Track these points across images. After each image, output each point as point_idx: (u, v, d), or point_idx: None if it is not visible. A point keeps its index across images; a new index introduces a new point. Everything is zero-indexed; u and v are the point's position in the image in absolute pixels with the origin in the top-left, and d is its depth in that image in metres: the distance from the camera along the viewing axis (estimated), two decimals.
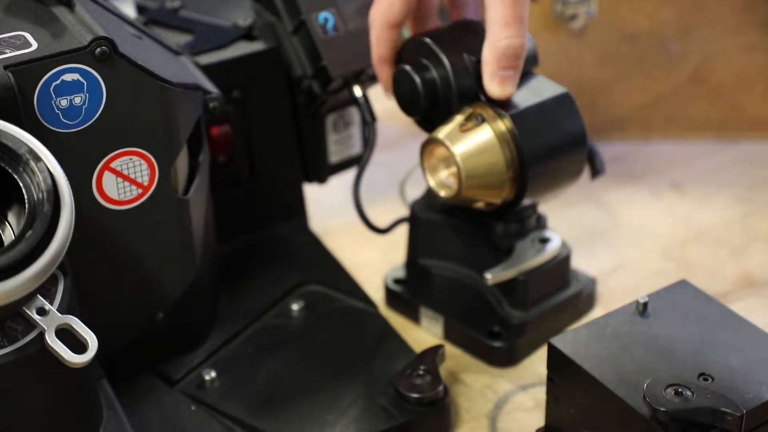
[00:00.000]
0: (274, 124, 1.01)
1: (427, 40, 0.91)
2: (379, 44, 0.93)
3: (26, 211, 0.69)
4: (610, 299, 1.02)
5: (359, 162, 1.01)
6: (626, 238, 1.10)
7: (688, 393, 0.75)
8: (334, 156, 1.07)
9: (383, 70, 0.94)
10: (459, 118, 0.91)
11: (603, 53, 1.21)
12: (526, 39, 0.88)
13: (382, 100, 1.01)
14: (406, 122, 1.03)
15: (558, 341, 0.82)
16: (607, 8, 1.19)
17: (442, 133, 0.90)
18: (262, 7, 1.00)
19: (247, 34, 0.99)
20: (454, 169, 0.90)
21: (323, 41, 0.96)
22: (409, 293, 1.02)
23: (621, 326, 0.84)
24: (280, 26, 0.98)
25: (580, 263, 1.03)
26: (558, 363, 0.83)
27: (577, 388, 0.81)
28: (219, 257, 1.00)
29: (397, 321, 1.01)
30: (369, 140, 1.00)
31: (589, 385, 0.79)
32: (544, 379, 0.93)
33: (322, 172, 1.07)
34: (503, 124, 0.90)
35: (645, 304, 0.85)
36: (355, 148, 1.08)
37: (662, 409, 0.74)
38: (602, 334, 0.83)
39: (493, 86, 0.88)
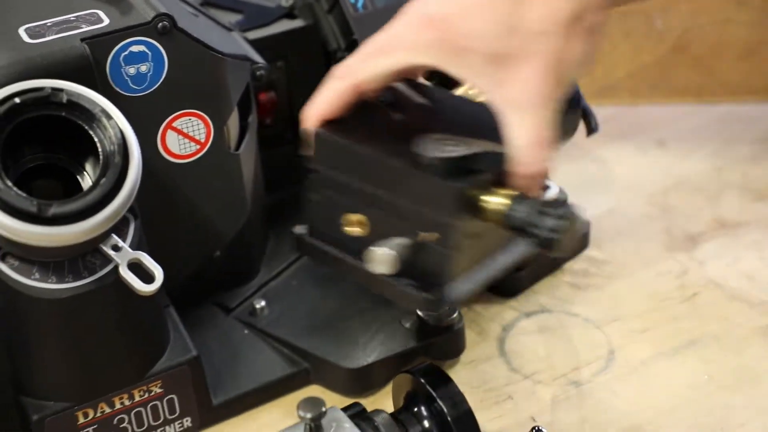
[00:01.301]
0: (313, 91, 1.00)
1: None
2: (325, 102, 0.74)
3: (100, 162, 0.70)
4: (603, 238, 1.02)
5: None
6: (617, 187, 1.10)
7: (459, 145, 0.68)
8: None
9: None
10: None
11: None
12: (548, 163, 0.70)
13: None
14: None
15: (321, 133, 0.72)
16: None
17: (456, 94, 0.90)
18: None
19: (289, 13, 0.98)
20: None
21: (354, 18, 0.95)
22: None
23: (374, 118, 0.74)
24: (317, 6, 0.98)
25: (578, 203, 1.03)
26: (326, 150, 0.73)
27: (349, 171, 0.72)
28: (266, 205, 1.00)
29: None
30: None
31: (363, 162, 0.70)
32: (544, 307, 0.94)
33: None
34: None
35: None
36: None
37: (439, 156, 0.66)
38: (364, 122, 0.73)
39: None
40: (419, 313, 0.88)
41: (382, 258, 0.68)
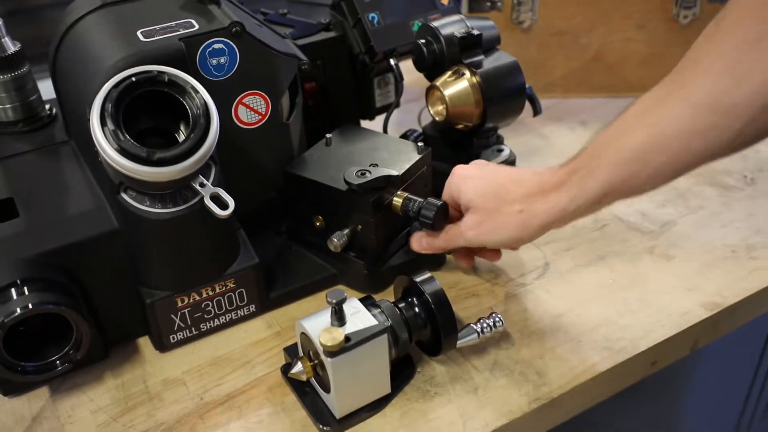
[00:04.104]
0: (342, 82, 0.99)
1: (433, 25, 0.87)
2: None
3: (190, 123, 0.69)
4: None
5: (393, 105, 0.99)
6: (552, 153, 1.08)
7: (368, 173, 0.78)
8: (378, 102, 1.03)
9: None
10: (448, 73, 0.88)
11: (540, 43, 1.17)
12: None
13: (408, 72, 0.98)
14: (422, 86, 1.00)
15: (288, 168, 0.82)
16: (543, 15, 1.14)
17: (438, 82, 0.88)
18: (335, 12, 0.97)
19: (326, 27, 0.96)
20: (445, 104, 0.87)
21: (371, 30, 0.93)
22: None
23: (319, 152, 0.85)
24: (345, 22, 0.95)
25: (524, 166, 1.00)
26: (294, 181, 0.82)
27: (307, 190, 0.81)
28: None
29: None
30: (398, 92, 0.98)
31: (313, 186, 0.80)
32: None
33: (371, 112, 1.04)
34: (475, 78, 0.87)
35: (329, 138, 0.86)
36: (392, 97, 1.04)
37: (357, 183, 0.76)
38: (310, 159, 0.83)
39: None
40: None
41: (334, 243, 0.80)
